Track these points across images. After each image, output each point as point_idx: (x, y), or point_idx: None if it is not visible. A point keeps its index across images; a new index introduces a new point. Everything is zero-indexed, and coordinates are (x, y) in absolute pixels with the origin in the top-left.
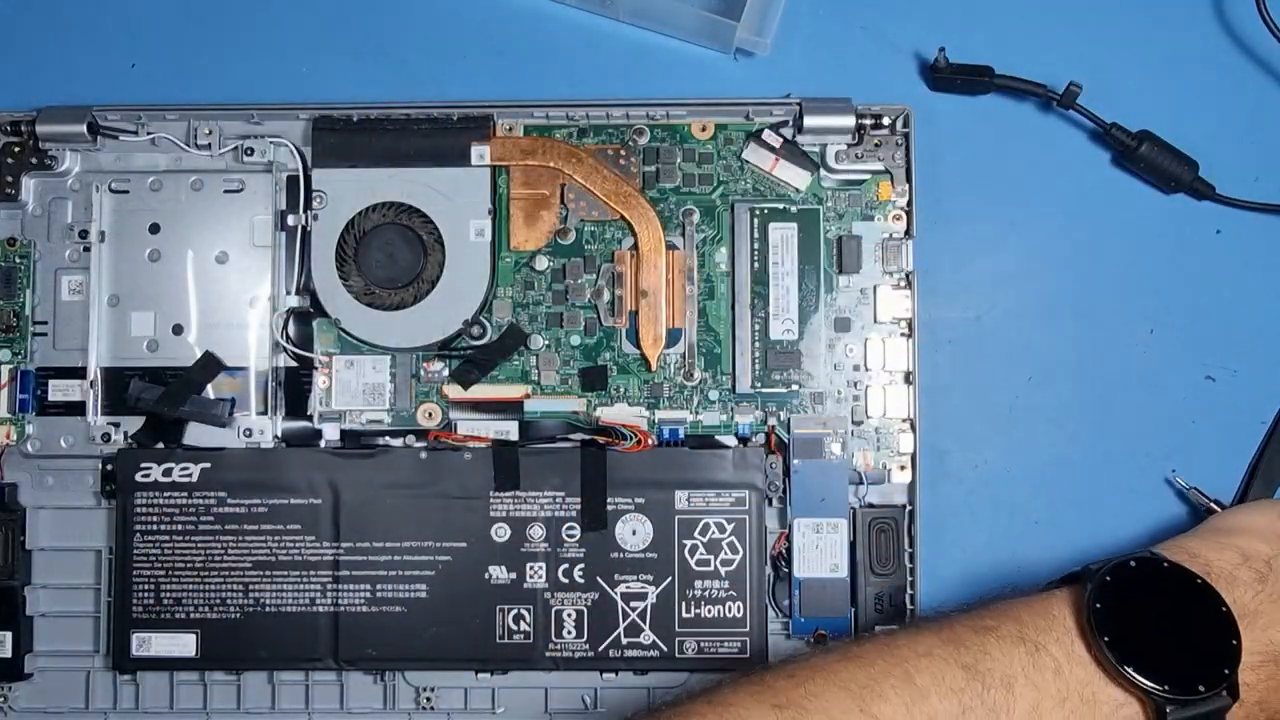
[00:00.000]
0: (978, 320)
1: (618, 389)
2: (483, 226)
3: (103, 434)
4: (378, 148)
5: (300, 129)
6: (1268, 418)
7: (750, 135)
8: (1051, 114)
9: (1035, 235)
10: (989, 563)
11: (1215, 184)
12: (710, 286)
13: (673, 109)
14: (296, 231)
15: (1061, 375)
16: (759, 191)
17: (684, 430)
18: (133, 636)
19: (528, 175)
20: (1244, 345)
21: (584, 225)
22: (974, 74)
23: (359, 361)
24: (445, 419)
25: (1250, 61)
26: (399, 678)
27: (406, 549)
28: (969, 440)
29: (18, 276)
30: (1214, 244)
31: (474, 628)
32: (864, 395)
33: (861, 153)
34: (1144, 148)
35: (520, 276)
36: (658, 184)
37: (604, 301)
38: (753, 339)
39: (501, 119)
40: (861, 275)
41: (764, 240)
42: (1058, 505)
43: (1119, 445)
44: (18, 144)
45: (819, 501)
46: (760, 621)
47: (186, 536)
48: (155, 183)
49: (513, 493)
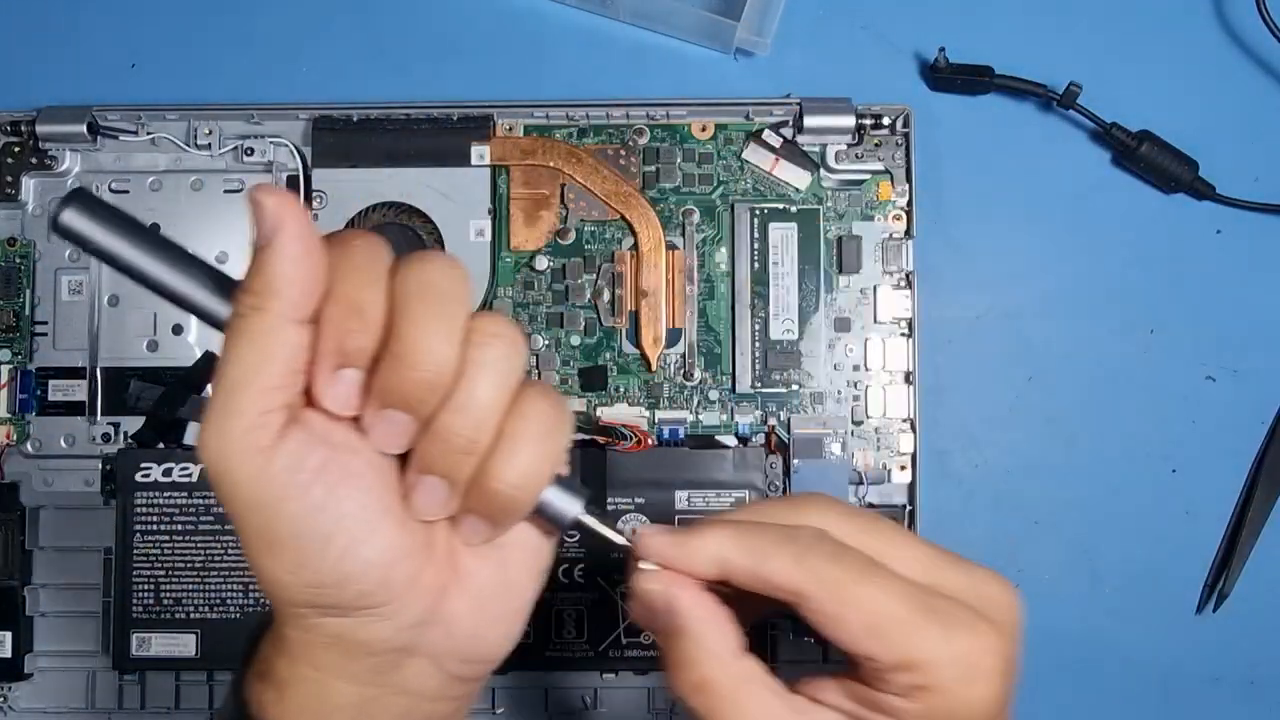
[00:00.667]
0: (978, 320)
1: (618, 389)
2: (483, 226)
3: (103, 434)
4: (378, 148)
5: (300, 129)
6: (1268, 418)
7: (750, 135)
8: (1052, 114)
9: (1035, 235)
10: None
11: (1215, 184)
12: (710, 286)
13: (673, 109)
14: None
15: (1061, 375)
16: (759, 191)
17: (684, 430)
18: (133, 636)
19: (528, 175)
20: (1244, 345)
21: (584, 225)
22: (974, 74)
23: None
24: None
25: (1250, 61)
26: None
27: None
28: (969, 440)
29: (18, 276)
30: (1214, 244)
31: None
32: (864, 395)
33: (861, 153)
34: (1144, 148)
35: (520, 276)
36: (658, 184)
37: (604, 301)
38: (753, 339)
39: (501, 119)
40: (861, 275)
41: (764, 240)
42: (1058, 505)
43: (1119, 445)
44: (18, 144)
45: None
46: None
47: (186, 536)
48: (155, 183)
49: None
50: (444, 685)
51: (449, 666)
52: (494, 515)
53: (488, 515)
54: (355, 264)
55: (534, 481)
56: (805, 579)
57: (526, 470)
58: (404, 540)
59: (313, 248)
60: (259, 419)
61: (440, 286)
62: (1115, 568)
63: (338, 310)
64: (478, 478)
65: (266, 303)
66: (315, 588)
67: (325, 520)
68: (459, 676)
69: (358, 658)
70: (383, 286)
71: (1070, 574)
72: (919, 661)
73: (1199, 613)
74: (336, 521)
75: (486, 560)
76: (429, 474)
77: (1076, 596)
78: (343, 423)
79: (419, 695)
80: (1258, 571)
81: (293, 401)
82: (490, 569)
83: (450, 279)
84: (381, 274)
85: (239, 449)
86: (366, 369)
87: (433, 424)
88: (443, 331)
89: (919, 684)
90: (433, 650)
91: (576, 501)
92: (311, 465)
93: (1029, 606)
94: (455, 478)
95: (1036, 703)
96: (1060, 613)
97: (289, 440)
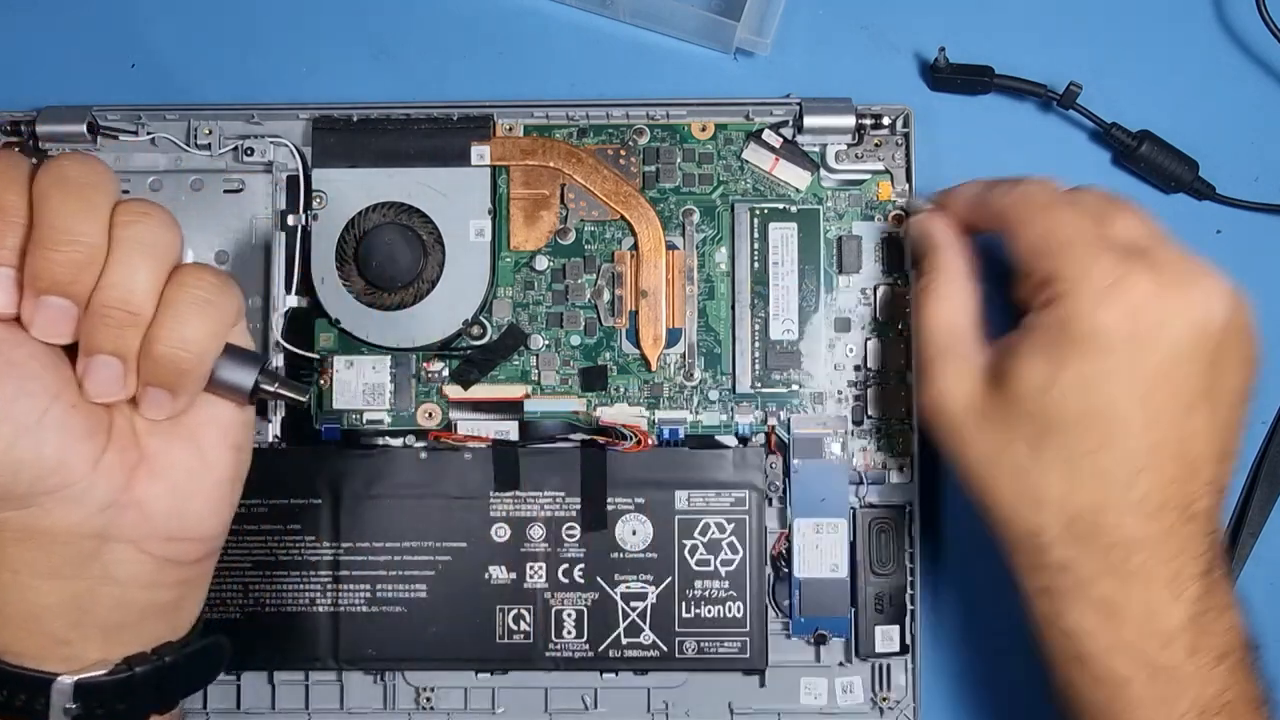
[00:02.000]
0: None
1: (618, 389)
2: (483, 226)
3: None
4: (378, 148)
5: (300, 129)
6: (1268, 418)
7: (750, 135)
8: (1051, 114)
9: None
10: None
11: (1215, 184)
12: (710, 286)
13: (673, 109)
14: (296, 231)
15: None
16: (759, 191)
17: (684, 430)
18: None
19: (528, 175)
20: None
21: (584, 225)
22: (974, 74)
23: (359, 361)
24: (445, 419)
25: (1250, 61)
26: (399, 678)
27: (406, 549)
28: None
29: None
30: (1214, 244)
31: (474, 628)
32: (864, 395)
33: (861, 153)
34: (1144, 147)
35: (520, 276)
36: (658, 184)
37: (604, 301)
38: (753, 339)
39: (501, 119)
40: (861, 275)
41: (764, 240)
42: None
43: None
44: (18, 144)
45: (819, 501)
46: (760, 622)
47: None
48: (155, 183)
49: (513, 493)
50: (155, 570)
51: (153, 548)
52: (167, 382)
53: (162, 383)
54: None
55: (198, 345)
56: (1011, 201)
57: (189, 334)
58: (79, 424)
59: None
60: None
61: (75, 176)
62: None
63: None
64: (145, 347)
65: None
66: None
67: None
68: (169, 559)
69: (50, 549)
70: (23, 189)
71: None
72: (1058, 274)
73: None
74: (1, 411)
75: (175, 438)
76: (97, 354)
77: None
78: (6, 321)
79: (131, 583)
80: (1258, 571)
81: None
82: (182, 447)
83: (85, 169)
84: (19, 177)
85: None
86: (17, 267)
87: (90, 303)
88: (80, 211)
89: (1052, 295)
90: (131, 533)
91: (251, 369)
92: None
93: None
94: (122, 352)
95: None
96: None
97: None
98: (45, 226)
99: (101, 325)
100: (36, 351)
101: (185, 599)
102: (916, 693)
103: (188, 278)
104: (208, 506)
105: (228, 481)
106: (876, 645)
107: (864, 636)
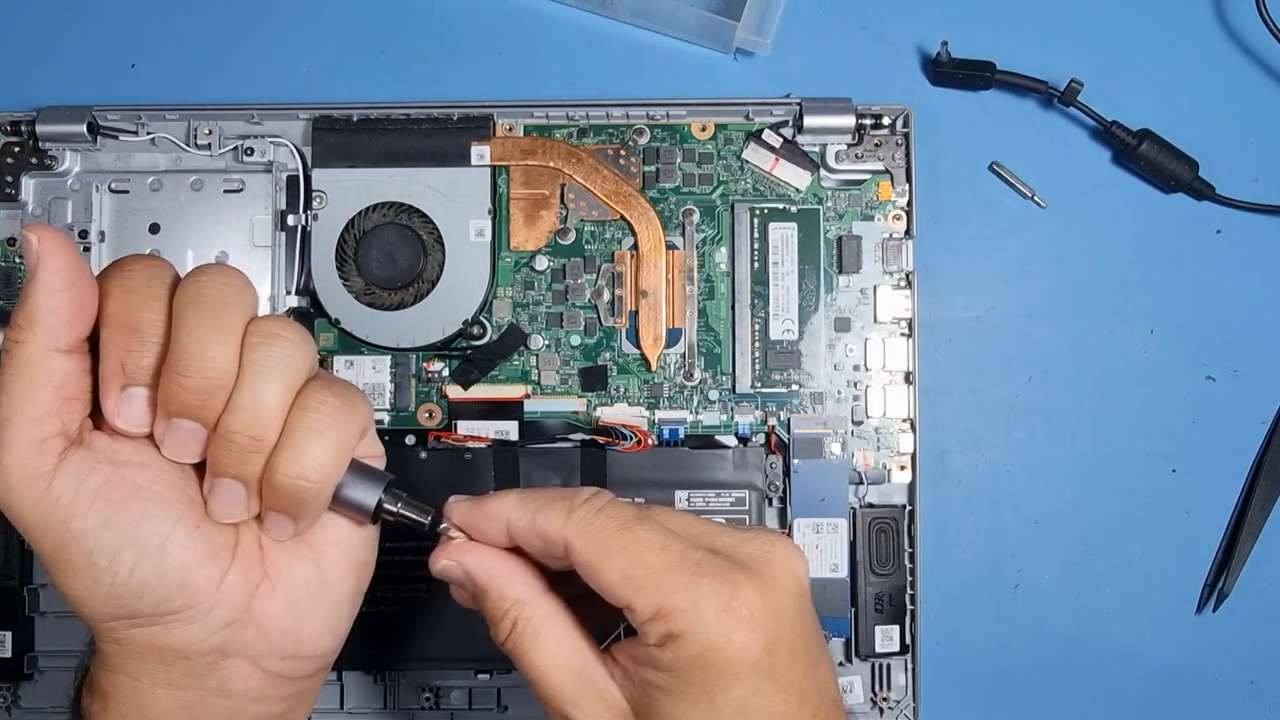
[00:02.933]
0: (978, 320)
1: (618, 389)
2: (483, 226)
3: None
4: (378, 148)
5: (300, 129)
6: (1268, 418)
7: (750, 135)
8: (1052, 111)
9: (1035, 234)
10: (989, 563)
11: (1215, 184)
12: (710, 286)
13: (673, 109)
14: (296, 231)
15: (1061, 375)
16: (759, 191)
17: (684, 430)
18: None
19: (528, 175)
20: (1244, 345)
21: (584, 225)
22: (975, 69)
23: (359, 361)
24: (445, 419)
25: (1250, 61)
26: (399, 678)
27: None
28: (969, 440)
29: (18, 276)
30: (1214, 244)
31: (475, 627)
32: (864, 395)
33: (861, 153)
34: (1144, 146)
35: (520, 276)
36: (658, 184)
37: (604, 301)
38: (753, 339)
39: (501, 119)
40: (861, 275)
41: (764, 240)
42: (1058, 505)
43: (1119, 445)
44: (18, 144)
45: (819, 501)
46: None
47: None
48: (155, 183)
49: None
50: (268, 685)
51: (269, 665)
52: (288, 509)
53: (284, 510)
54: (131, 286)
55: (319, 473)
56: (572, 529)
57: (310, 462)
58: (202, 545)
59: (76, 279)
60: (35, 447)
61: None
62: (1115, 568)
63: (116, 333)
64: (267, 475)
65: (27, 334)
66: (114, 599)
67: (113, 536)
68: (283, 675)
69: (171, 663)
70: (162, 305)
71: (1070, 574)
72: (669, 609)
73: (1199, 613)
74: (125, 535)
75: (299, 558)
76: (222, 476)
77: (1076, 596)
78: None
79: (242, 696)
80: (1258, 571)
81: (70, 427)
82: (304, 566)
83: (223, 286)
84: (160, 293)
85: (17, 478)
86: (152, 386)
87: (218, 425)
88: (213, 336)
89: (669, 631)
90: (249, 650)
91: (375, 489)
92: (92, 485)
93: (1029, 607)
94: (246, 477)
95: (1037, 702)
96: (1060, 612)
97: (68, 464)
98: (180, 350)
99: (227, 450)
100: (163, 472)
101: (294, 710)
102: (916, 692)
103: (311, 401)
104: (325, 626)
105: (347, 600)
106: (876, 645)
107: (864, 636)
